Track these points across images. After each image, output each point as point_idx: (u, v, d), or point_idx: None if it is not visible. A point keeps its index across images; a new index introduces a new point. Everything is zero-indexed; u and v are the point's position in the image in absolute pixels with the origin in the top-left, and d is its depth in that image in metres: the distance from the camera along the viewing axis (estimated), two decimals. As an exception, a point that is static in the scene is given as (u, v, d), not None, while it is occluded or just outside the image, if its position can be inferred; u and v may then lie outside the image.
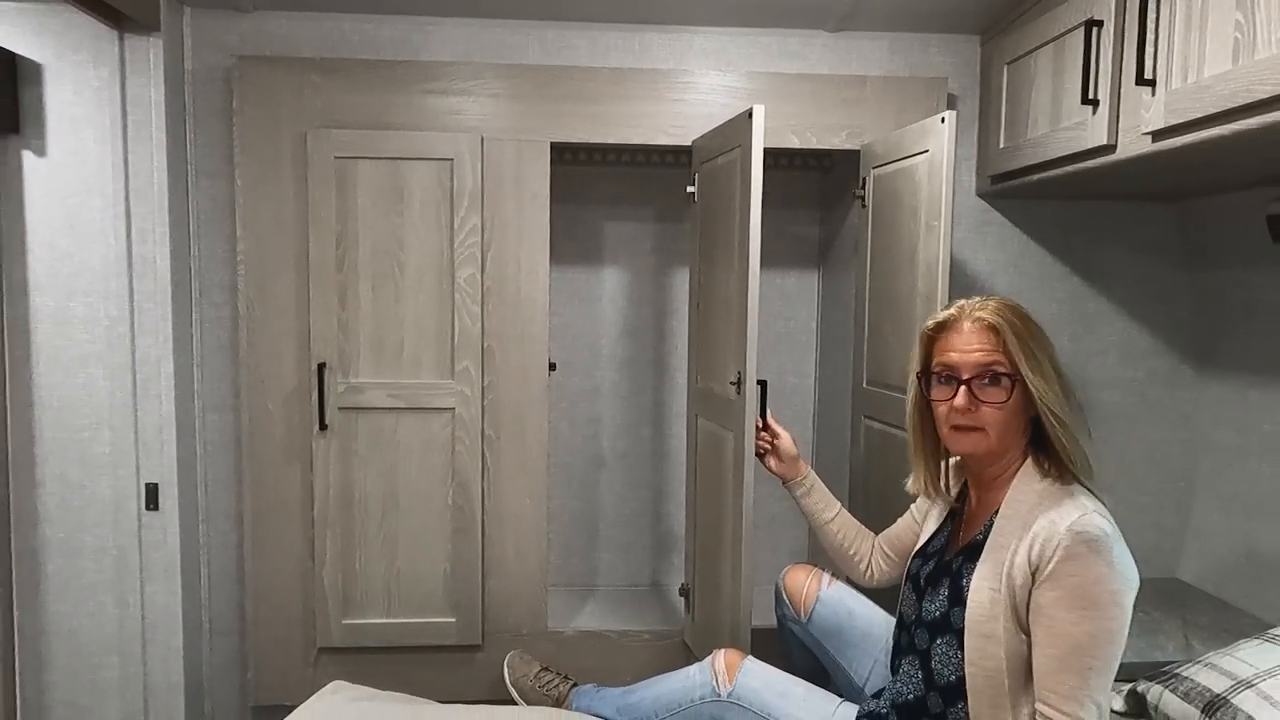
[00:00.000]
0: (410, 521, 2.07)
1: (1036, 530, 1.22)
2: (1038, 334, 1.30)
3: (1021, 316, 1.31)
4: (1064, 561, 1.18)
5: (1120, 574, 1.17)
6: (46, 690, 2.03)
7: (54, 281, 1.95)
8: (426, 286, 2.02)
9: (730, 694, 1.54)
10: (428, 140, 1.99)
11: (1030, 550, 1.21)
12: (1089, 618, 1.17)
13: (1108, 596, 1.16)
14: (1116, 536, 1.20)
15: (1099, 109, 1.63)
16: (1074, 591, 1.17)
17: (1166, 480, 2.28)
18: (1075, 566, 1.17)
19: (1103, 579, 1.16)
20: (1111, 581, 1.17)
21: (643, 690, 1.67)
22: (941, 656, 1.33)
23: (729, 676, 1.56)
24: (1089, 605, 1.17)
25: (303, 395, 2.03)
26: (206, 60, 2.02)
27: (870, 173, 2.03)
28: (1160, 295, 2.23)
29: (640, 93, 2.05)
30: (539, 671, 1.89)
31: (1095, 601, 1.16)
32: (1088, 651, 1.17)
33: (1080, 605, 1.17)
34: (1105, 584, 1.16)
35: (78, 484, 1.99)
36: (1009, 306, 1.32)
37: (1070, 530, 1.18)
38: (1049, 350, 1.30)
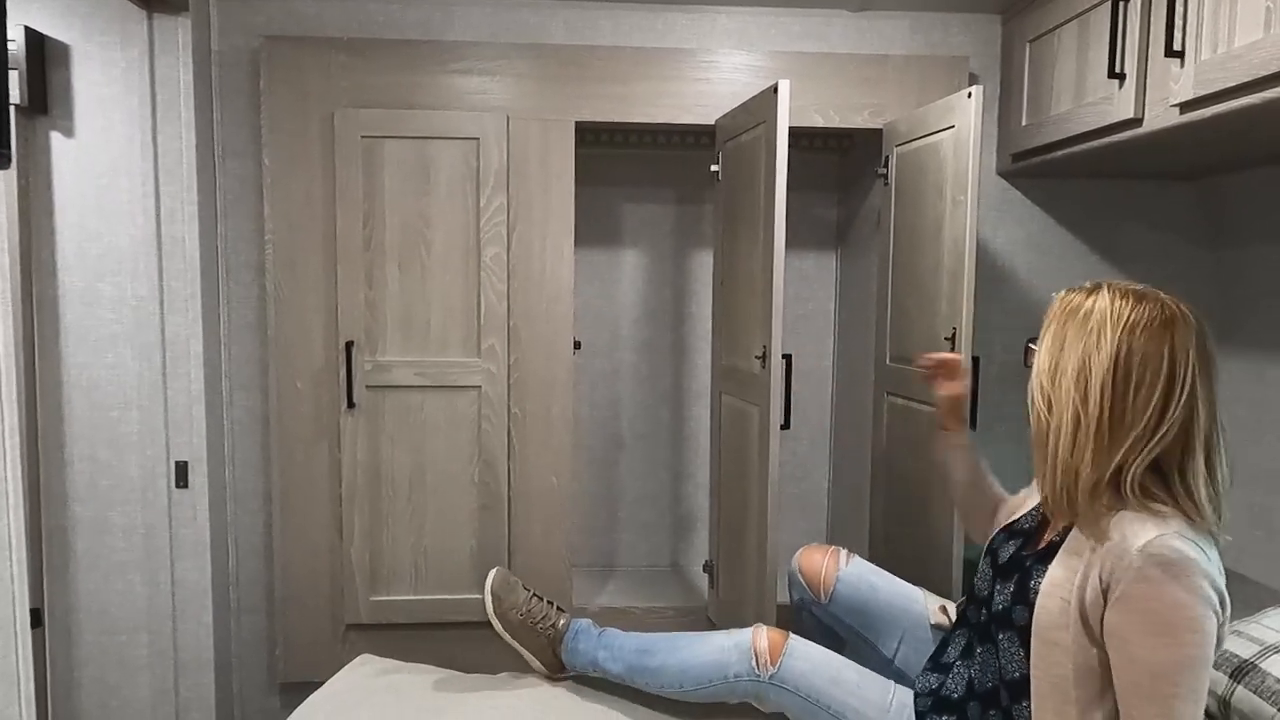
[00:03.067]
0: (437, 499, 2.09)
1: (1110, 546, 1.14)
2: (1082, 331, 1.19)
3: (1079, 311, 1.20)
4: (1136, 583, 1.10)
5: (1200, 598, 1.09)
6: (76, 667, 2.05)
7: (82, 262, 1.96)
8: (453, 265, 2.04)
9: (774, 676, 1.45)
10: (454, 120, 2.00)
11: (1103, 566, 1.13)
12: (1165, 645, 1.09)
13: (1184, 623, 1.08)
14: (1200, 559, 1.10)
15: (1125, 82, 1.64)
16: (1148, 617, 1.09)
17: (1185, 457, 2.29)
18: (1148, 590, 1.09)
19: (1180, 605, 1.08)
20: (1189, 607, 1.08)
21: (664, 655, 1.55)
22: (1005, 652, 1.28)
23: (772, 658, 1.46)
24: (1164, 632, 1.09)
25: (330, 373, 2.04)
26: (234, 41, 2.03)
27: (894, 150, 2.05)
28: (1179, 273, 2.25)
29: (663, 72, 2.06)
30: (529, 599, 1.68)
31: (1172, 628, 1.08)
32: (1169, 680, 1.09)
33: (1155, 632, 1.09)
34: (1182, 610, 1.08)
35: (107, 463, 2.01)
36: (1082, 301, 1.21)
37: (1143, 551, 1.10)
38: (1082, 352, 1.18)
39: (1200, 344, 1.15)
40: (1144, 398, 1.13)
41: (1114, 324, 1.15)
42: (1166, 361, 1.13)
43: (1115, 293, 1.18)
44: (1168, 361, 1.13)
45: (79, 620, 2.04)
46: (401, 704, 1.59)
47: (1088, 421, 1.15)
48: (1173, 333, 1.14)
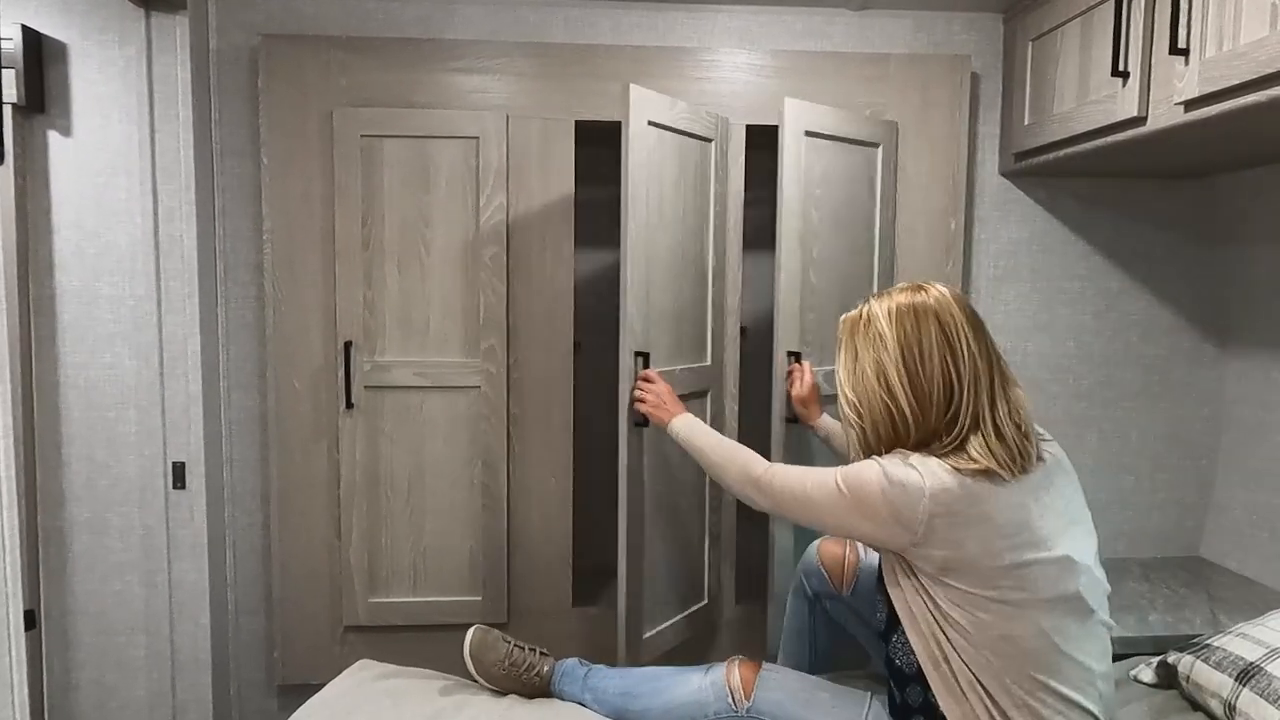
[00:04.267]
0: (436, 500, 2.08)
1: None
2: (868, 339, 1.35)
3: (860, 319, 1.38)
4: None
5: (888, 483, 1.24)
6: (73, 669, 2.03)
7: (80, 261, 1.95)
8: (452, 265, 2.03)
9: (750, 709, 1.47)
10: (453, 119, 1.99)
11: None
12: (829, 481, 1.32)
13: (861, 483, 1.28)
14: (915, 477, 1.24)
15: (1129, 81, 1.63)
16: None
17: (1189, 457, 2.29)
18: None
19: (870, 481, 1.27)
20: (874, 483, 1.26)
21: (647, 698, 1.55)
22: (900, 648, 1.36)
23: (745, 692, 1.48)
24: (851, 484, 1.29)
25: (329, 374, 2.03)
26: (232, 39, 2.02)
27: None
28: (1183, 272, 2.24)
29: (664, 71, 2.05)
30: (509, 651, 1.66)
31: (856, 484, 1.28)
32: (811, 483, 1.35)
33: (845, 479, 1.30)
34: (871, 484, 1.26)
35: (104, 463, 2.00)
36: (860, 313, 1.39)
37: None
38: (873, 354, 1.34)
39: (965, 310, 1.32)
40: (936, 368, 1.28)
41: (889, 320, 1.32)
42: (939, 332, 1.29)
43: (883, 297, 1.36)
44: (940, 332, 1.29)
45: (76, 621, 2.02)
46: (400, 709, 1.58)
47: (899, 407, 1.29)
48: (938, 309, 1.30)
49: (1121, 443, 2.28)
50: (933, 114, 2.09)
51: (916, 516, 1.23)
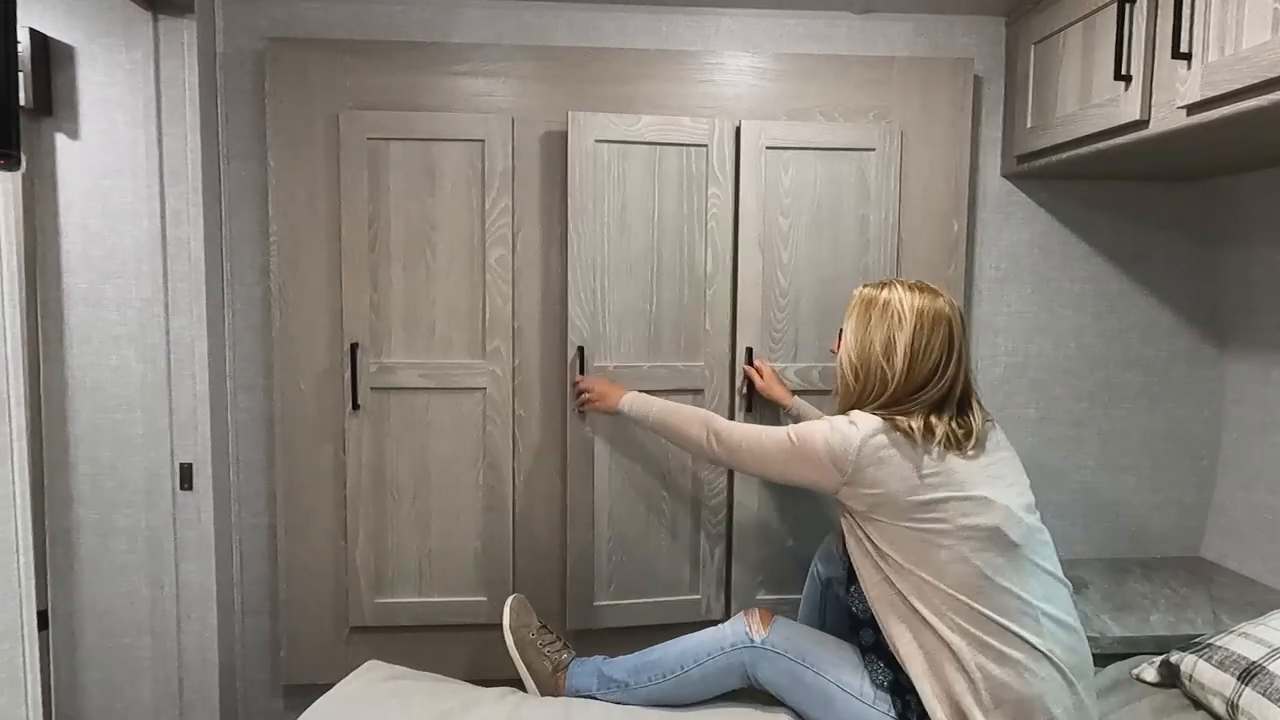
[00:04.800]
0: (442, 501, 2.09)
1: None
2: (884, 314, 1.55)
3: (878, 296, 1.57)
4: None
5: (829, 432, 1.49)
6: (80, 669, 2.04)
7: (87, 263, 1.96)
8: (458, 267, 2.04)
9: (765, 640, 1.60)
10: (459, 121, 2.00)
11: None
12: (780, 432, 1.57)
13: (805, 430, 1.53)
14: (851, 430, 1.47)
15: (1131, 84, 1.64)
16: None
17: (1189, 458, 2.30)
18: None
19: (815, 430, 1.51)
20: (817, 432, 1.50)
21: (664, 648, 1.69)
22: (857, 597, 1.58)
23: (763, 625, 1.62)
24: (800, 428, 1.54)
25: (335, 375, 2.04)
26: (239, 43, 2.03)
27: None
28: (1183, 274, 2.25)
29: (667, 74, 2.06)
30: (540, 628, 1.82)
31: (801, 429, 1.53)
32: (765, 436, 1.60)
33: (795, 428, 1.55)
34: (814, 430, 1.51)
35: (110, 465, 2.00)
36: (877, 290, 1.59)
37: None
38: (887, 329, 1.54)
39: (961, 321, 1.54)
40: (931, 361, 1.50)
41: (911, 310, 1.52)
42: (946, 337, 1.51)
43: (904, 288, 1.55)
44: (947, 337, 1.51)
45: (83, 623, 2.03)
46: (408, 710, 1.59)
47: (894, 379, 1.50)
48: (950, 316, 1.52)
49: (1122, 443, 2.29)
50: (935, 117, 2.10)
51: (848, 458, 1.45)
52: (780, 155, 2.06)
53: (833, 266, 2.10)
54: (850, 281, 2.09)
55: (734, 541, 2.13)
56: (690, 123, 2.03)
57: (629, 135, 2.02)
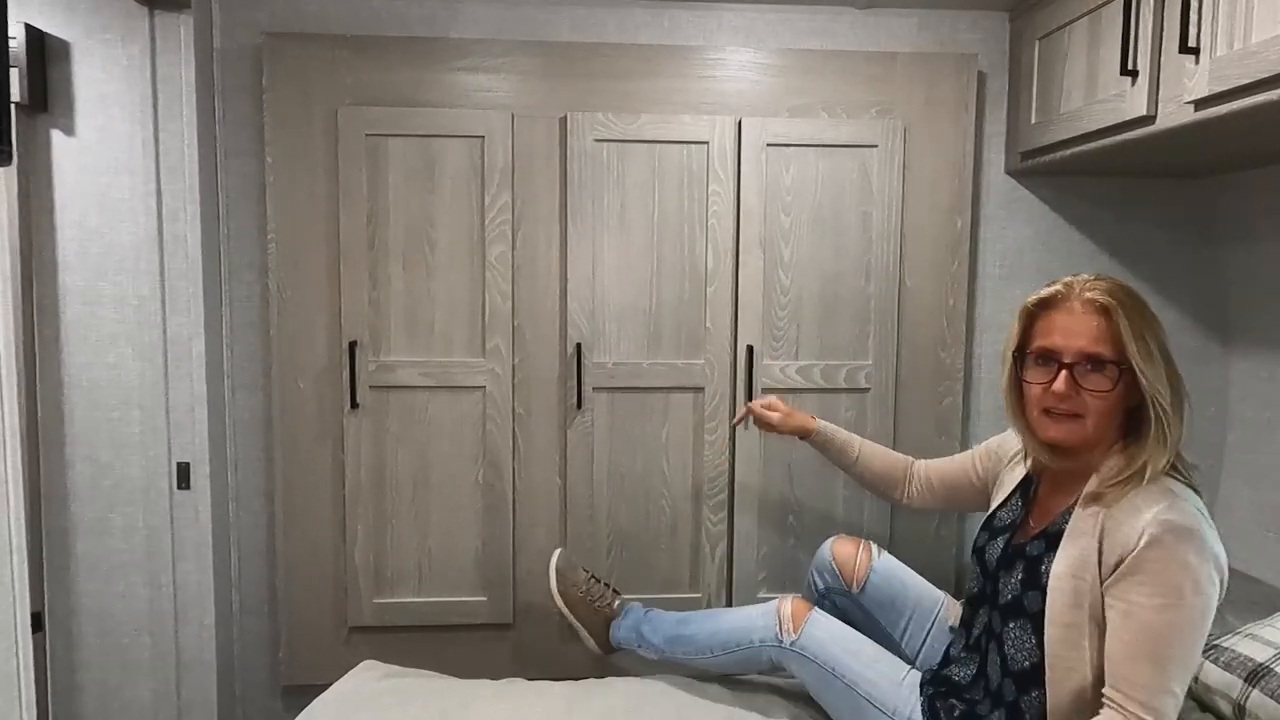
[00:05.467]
0: (441, 500, 2.07)
1: (1122, 519, 1.18)
2: (1151, 319, 1.24)
3: (1135, 299, 1.24)
4: (1149, 548, 1.13)
5: (1209, 563, 1.13)
6: (78, 670, 2.03)
7: (83, 260, 1.95)
8: (458, 264, 2.02)
9: (794, 643, 1.51)
10: (459, 117, 1.99)
11: (1115, 538, 1.17)
12: (1171, 606, 1.12)
13: (1191, 586, 1.12)
14: (1209, 527, 1.15)
15: (1138, 80, 1.62)
16: (1157, 578, 1.13)
17: (1194, 457, 2.25)
18: (1160, 553, 1.13)
19: (1189, 567, 1.12)
20: (1197, 571, 1.12)
21: (700, 622, 1.65)
22: (1015, 641, 1.31)
23: (794, 625, 1.52)
24: (1170, 593, 1.12)
25: (334, 373, 2.03)
26: (236, 38, 2.01)
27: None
28: (1189, 272, 2.23)
29: (669, 70, 2.04)
30: (588, 580, 1.83)
31: (1178, 589, 1.12)
32: (1167, 641, 1.13)
33: (1162, 593, 1.12)
34: (1190, 572, 1.12)
35: (108, 464, 1.99)
36: (1122, 288, 1.26)
37: (1158, 519, 1.14)
38: (1160, 337, 1.24)
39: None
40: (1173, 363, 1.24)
41: (1145, 306, 1.25)
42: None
43: (1127, 288, 1.28)
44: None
45: (80, 622, 2.02)
46: (406, 709, 1.57)
47: (1176, 393, 1.23)
48: None
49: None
50: (938, 112, 2.09)
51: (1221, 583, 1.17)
52: (782, 152, 2.04)
53: (835, 264, 2.08)
54: (853, 279, 2.09)
55: (735, 539, 2.12)
56: (690, 120, 2.02)
57: (628, 134, 2.01)
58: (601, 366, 2.04)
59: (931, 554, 2.16)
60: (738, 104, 2.05)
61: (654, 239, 2.04)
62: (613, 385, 2.06)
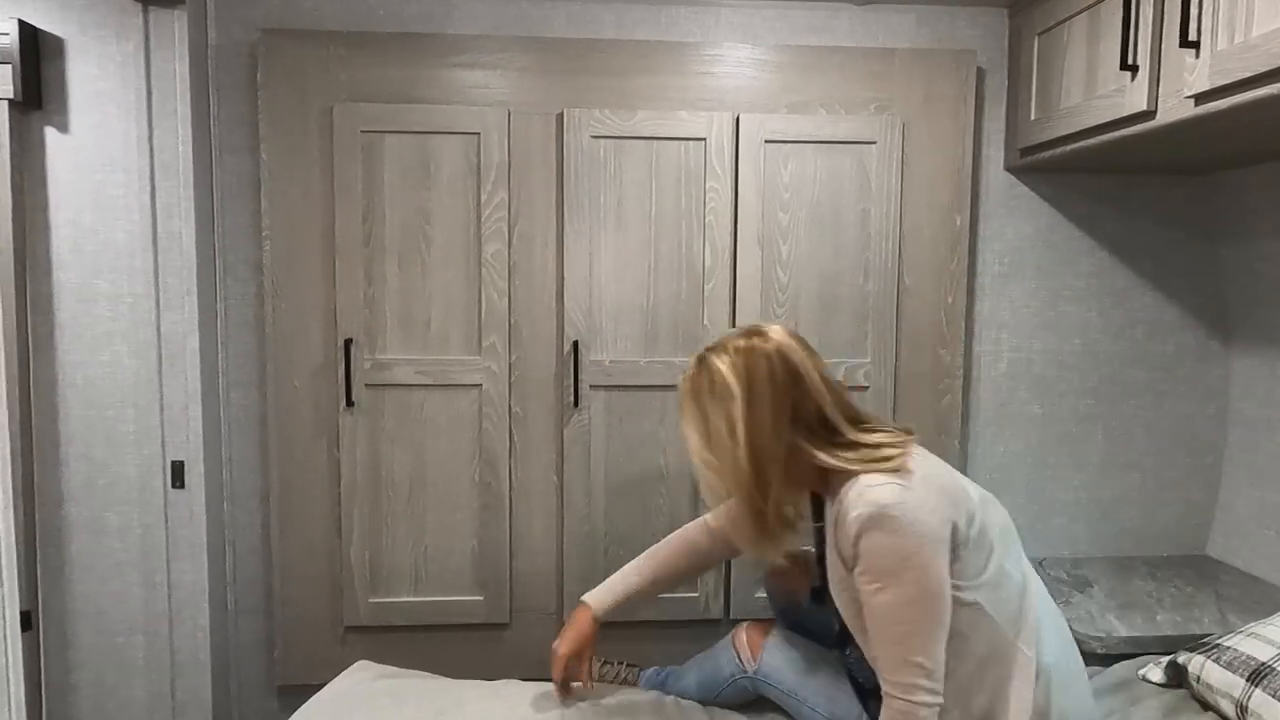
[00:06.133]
0: (438, 499, 2.06)
1: (839, 527, 1.26)
2: (720, 394, 1.29)
3: (708, 375, 1.31)
4: (856, 544, 1.22)
5: (909, 536, 1.19)
6: (72, 670, 2.01)
7: (77, 258, 1.93)
8: (454, 262, 2.01)
9: (758, 671, 1.54)
10: (454, 114, 1.98)
11: (844, 540, 1.25)
12: (886, 587, 1.20)
13: (898, 563, 1.19)
14: (900, 499, 1.20)
15: (1138, 74, 1.61)
16: (871, 568, 1.21)
17: (1195, 455, 2.27)
18: (866, 544, 1.21)
19: (891, 549, 1.19)
20: (900, 548, 1.19)
21: (691, 673, 1.66)
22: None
23: (753, 654, 1.56)
24: (882, 576, 1.20)
25: (329, 372, 2.02)
26: (231, 34, 2.00)
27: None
28: (1189, 269, 2.22)
29: (667, 66, 2.03)
30: (601, 666, 1.78)
31: (888, 571, 1.20)
32: (896, 619, 1.20)
33: (877, 578, 1.21)
34: (894, 553, 1.19)
35: (102, 462, 1.98)
36: (701, 362, 1.33)
37: (854, 519, 1.21)
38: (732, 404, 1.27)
39: (795, 337, 1.33)
40: (778, 397, 1.27)
41: (732, 371, 1.28)
42: (782, 365, 1.28)
43: (719, 351, 1.32)
44: (783, 364, 1.28)
45: (75, 622, 2.00)
46: (400, 709, 1.56)
47: (760, 452, 1.26)
48: (777, 343, 1.30)
49: (1127, 440, 2.26)
50: (937, 109, 2.07)
51: (947, 535, 1.23)
52: (780, 149, 2.03)
53: (833, 262, 2.07)
54: (851, 277, 2.08)
55: (734, 540, 2.10)
56: (688, 116, 2.01)
57: (625, 130, 2.00)
58: (599, 364, 2.03)
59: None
60: (735, 100, 2.04)
61: (651, 236, 2.03)
62: (610, 383, 2.04)
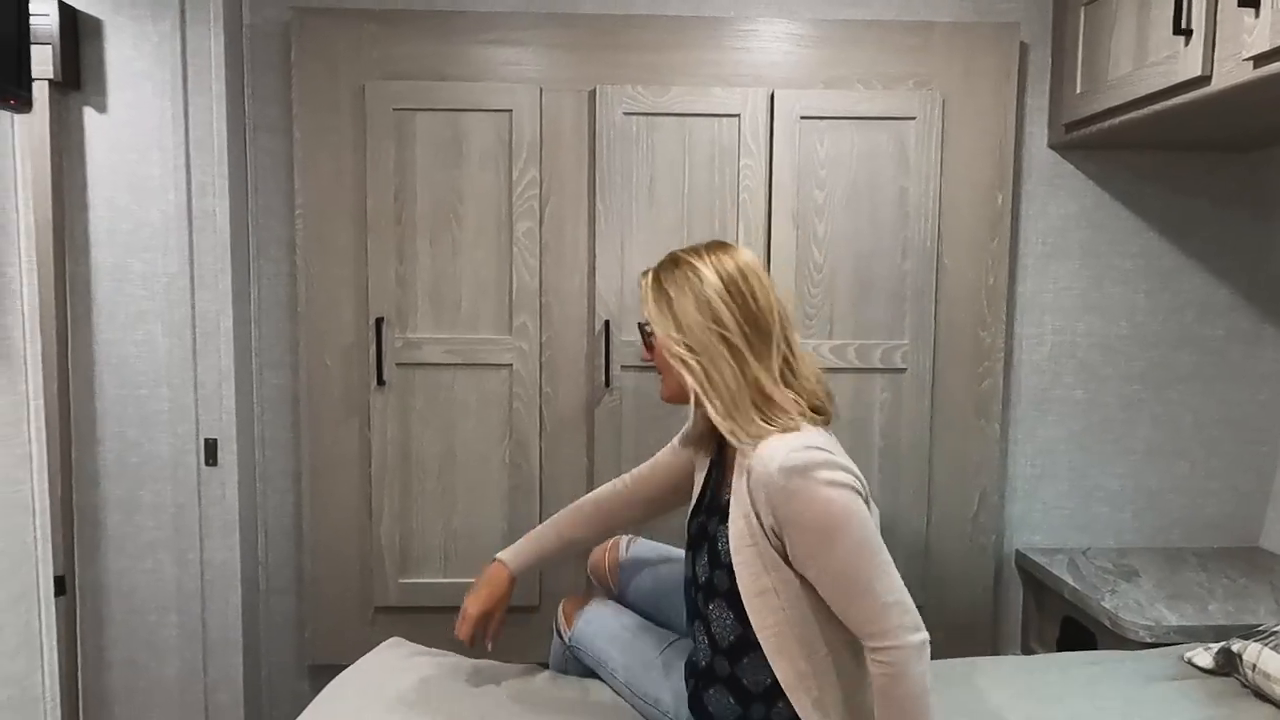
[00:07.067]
0: (467, 479, 2.05)
1: (754, 483, 1.19)
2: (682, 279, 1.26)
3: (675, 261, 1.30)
4: (782, 506, 1.16)
5: (839, 488, 1.16)
6: (107, 647, 2.03)
7: (113, 238, 1.95)
8: (484, 240, 2.00)
9: (571, 639, 1.57)
10: (486, 91, 1.96)
11: (759, 501, 1.19)
12: (838, 542, 1.15)
13: (841, 515, 1.15)
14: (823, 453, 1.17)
15: (1192, 39, 1.55)
16: (812, 526, 1.16)
17: (1246, 444, 2.19)
18: (799, 503, 1.16)
19: (828, 501, 1.15)
20: (835, 500, 1.15)
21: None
22: (718, 620, 1.31)
23: (568, 623, 1.58)
24: (824, 534, 1.16)
25: (361, 350, 2.01)
26: (265, 13, 2.01)
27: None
28: (1241, 249, 2.14)
29: (700, 41, 2.00)
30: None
31: (828, 528, 1.15)
32: (854, 571, 1.16)
33: (826, 537, 1.16)
34: (833, 505, 1.15)
35: (136, 441, 1.99)
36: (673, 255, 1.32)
37: (780, 469, 1.15)
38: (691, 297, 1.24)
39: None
40: (763, 296, 1.25)
41: (699, 257, 1.27)
42: (753, 266, 1.27)
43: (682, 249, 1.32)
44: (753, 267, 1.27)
45: (109, 599, 2.02)
46: (428, 687, 1.55)
47: (735, 335, 1.22)
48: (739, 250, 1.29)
49: (1175, 427, 2.19)
50: (978, 85, 2.02)
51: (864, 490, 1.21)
52: (816, 125, 1.99)
53: (870, 240, 2.02)
54: (889, 256, 2.03)
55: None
56: (722, 92, 1.98)
57: (658, 107, 1.97)
58: (630, 345, 2.00)
59: (971, 540, 2.09)
60: (770, 76, 2.00)
61: (684, 214, 2.00)
62: (641, 364, 2.02)
